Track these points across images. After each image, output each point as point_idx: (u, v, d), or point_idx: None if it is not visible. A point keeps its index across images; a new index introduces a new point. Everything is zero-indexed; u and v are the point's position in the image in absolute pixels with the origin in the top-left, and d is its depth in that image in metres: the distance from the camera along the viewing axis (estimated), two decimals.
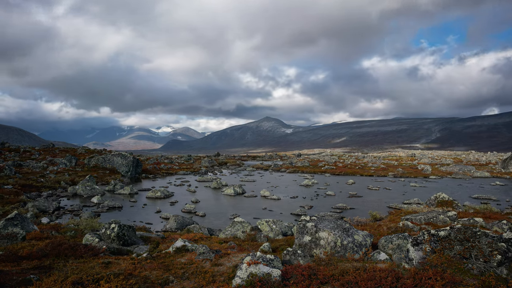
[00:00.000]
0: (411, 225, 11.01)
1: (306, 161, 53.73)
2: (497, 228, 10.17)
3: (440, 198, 17.06)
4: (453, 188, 27.12)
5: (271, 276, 5.79)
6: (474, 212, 14.66)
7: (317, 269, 6.15)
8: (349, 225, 8.61)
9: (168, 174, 37.40)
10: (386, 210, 17.57)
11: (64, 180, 26.01)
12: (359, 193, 24.07)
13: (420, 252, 6.37)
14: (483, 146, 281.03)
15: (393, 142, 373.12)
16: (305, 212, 17.57)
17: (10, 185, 21.73)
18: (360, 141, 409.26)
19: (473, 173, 36.85)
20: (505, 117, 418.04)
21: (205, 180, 31.66)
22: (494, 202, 20.51)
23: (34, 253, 7.72)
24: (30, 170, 29.76)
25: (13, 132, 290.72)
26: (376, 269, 6.02)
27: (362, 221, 13.85)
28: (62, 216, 16.12)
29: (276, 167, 46.52)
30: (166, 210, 18.22)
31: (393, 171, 38.80)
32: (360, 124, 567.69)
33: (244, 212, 17.91)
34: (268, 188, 26.18)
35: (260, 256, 6.42)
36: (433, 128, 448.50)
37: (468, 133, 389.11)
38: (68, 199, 20.99)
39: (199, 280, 6.24)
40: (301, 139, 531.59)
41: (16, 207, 15.92)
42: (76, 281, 6.01)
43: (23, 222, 10.65)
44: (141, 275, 6.47)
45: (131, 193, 23.17)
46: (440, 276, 5.37)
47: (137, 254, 8.73)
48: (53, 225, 12.35)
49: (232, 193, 23.57)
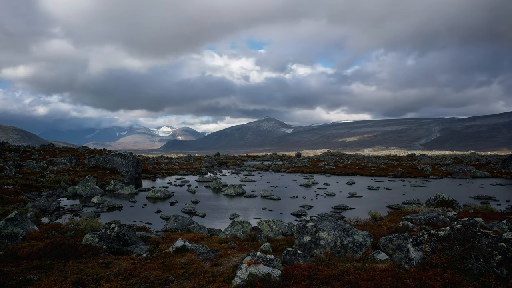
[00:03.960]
0: (411, 225, 11.00)
1: (306, 161, 53.73)
2: (497, 228, 10.17)
3: (440, 198, 17.06)
4: (453, 188, 27.11)
5: (271, 276, 5.79)
6: (474, 212, 14.66)
7: (317, 269, 6.15)
8: (349, 225, 8.61)
9: (168, 174, 37.38)
10: (386, 210, 17.56)
11: (64, 180, 26.00)
12: (359, 193, 24.06)
13: (420, 252, 6.37)
14: (483, 146, 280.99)
15: (393, 142, 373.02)
16: (305, 212, 17.57)
17: (10, 185, 21.73)
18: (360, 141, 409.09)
19: (473, 173, 36.86)
20: (505, 117, 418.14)
21: (205, 180, 31.65)
22: (494, 202, 20.51)
23: (34, 253, 7.72)
24: (30, 170, 29.74)
25: (13, 132, 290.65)
26: (376, 269, 6.02)
27: (362, 221, 13.84)
28: (62, 216, 16.11)
29: (276, 167, 46.52)
30: (166, 210, 18.22)
31: (393, 171, 38.80)
32: (360, 124, 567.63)
33: (244, 212, 17.91)
34: (268, 188, 26.17)
35: (260, 256, 6.42)
36: (433, 128, 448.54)
37: (468, 133, 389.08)
38: (68, 199, 20.99)
39: (199, 280, 6.24)
40: (301, 139, 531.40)
41: (16, 207, 15.91)
42: (76, 281, 6.02)
43: (23, 222, 10.65)
44: (141, 275, 6.46)
45: (131, 193, 23.17)
46: (440, 276, 5.37)
47: (137, 254, 8.73)
48: (53, 225, 12.35)
49: (232, 193, 23.56)
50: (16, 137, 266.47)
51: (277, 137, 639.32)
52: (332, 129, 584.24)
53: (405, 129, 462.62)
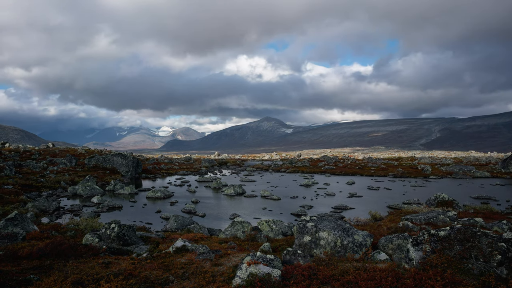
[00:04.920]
0: (411, 225, 11.00)
1: (306, 161, 53.72)
2: (497, 228, 10.17)
3: (440, 198, 17.06)
4: (453, 188, 27.11)
5: (271, 276, 5.79)
6: (474, 212, 14.66)
7: (317, 269, 6.15)
8: (349, 225, 8.61)
9: (168, 174, 37.39)
10: (386, 210, 17.56)
11: (64, 180, 26.00)
12: (359, 193, 24.06)
13: (420, 252, 6.37)
14: (483, 146, 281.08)
15: (393, 142, 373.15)
16: (305, 212, 17.57)
17: (10, 185, 21.73)
18: (360, 141, 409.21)
19: (473, 173, 36.85)
20: (505, 117, 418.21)
21: (205, 180, 31.64)
22: (494, 202, 20.51)
23: (34, 253, 7.72)
24: (30, 170, 29.74)
25: (13, 132, 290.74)
26: (376, 269, 6.02)
27: (362, 221, 13.84)
28: (62, 216, 16.11)
29: (276, 167, 46.52)
30: (166, 210, 18.22)
31: (393, 171, 38.79)
32: (360, 124, 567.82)
33: (244, 212, 17.91)
34: (268, 188, 26.16)
35: (260, 256, 6.42)
36: (433, 128, 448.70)
37: (468, 133, 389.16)
38: (68, 199, 20.99)
39: (199, 280, 6.24)
40: (301, 139, 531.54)
41: (16, 207, 15.92)
42: (76, 281, 6.02)
43: (23, 222, 10.65)
44: (141, 275, 6.46)
45: (131, 193, 23.17)
46: (440, 276, 5.37)
47: (137, 254, 8.73)
48: (53, 225, 12.35)
49: (232, 193, 23.56)
50: (16, 137, 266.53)
51: (277, 137, 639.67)
52: (332, 129, 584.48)
53: (405, 129, 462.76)
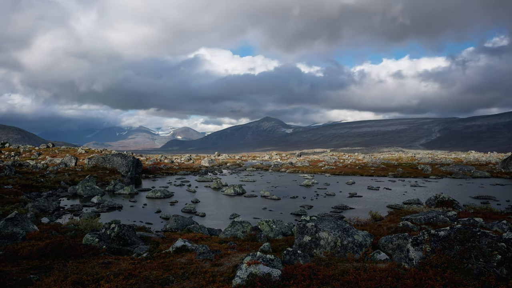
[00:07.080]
0: (411, 225, 11.01)
1: (306, 161, 53.74)
2: (497, 228, 10.17)
3: (440, 198, 17.06)
4: (453, 188, 27.11)
5: (271, 276, 5.79)
6: (474, 212, 14.65)
7: (317, 269, 6.15)
8: (349, 225, 8.62)
9: (168, 174, 37.40)
10: (386, 210, 17.56)
11: (64, 180, 26.00)
12: (359, 193, 24.07)
13: (420, 252, 6.37)
14: (483, 146, 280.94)
15: (393, 142, 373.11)
16: (305, 212, 17.57)
17: (10, 185, 21.73)
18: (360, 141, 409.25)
19: (473, 173, 36.85)
20: (505, 117, 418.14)
21: (205, 180, 31.64)
22: (494, 202, 20.51)
23: (34, 253, 7.72)
24: (30, 170, 29.74)
25: (13, 132, 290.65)
26: (376, 269, 6.02)
27: (362, 221, 13.84)
28: (62, 216, 16.11)
29: (276, 167, 46.52)
30: (166, 210, 18.22)
31: (393, 171, 38.79)
32: (360, 124, 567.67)
33: (244, 212, 17.91)
34: (268, 188, 26.16)
35: (260, 256, 6.42)
36: (433, 128, 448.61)
37: (468, 133, 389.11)
38: (68, 199, 20.99)
39: (199, 280, 6.23)
40: (301, 139, 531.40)
41: (16, 207, 15.91)
42: (76, 281, 6.02)
43: (23, 222, 10.65)
44: (141, 275, 6.46)
45: (131, 193, 23.17)
46: (440, 276, 5.37)
47: (137, 254, 8.73)
48: (53, 225, 12.35)
49: (232, 193, 23.57)
50: (16, 137, 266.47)
51: (277, 137, 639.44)
52: (332, 129, 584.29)
53: (405, 129, 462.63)
